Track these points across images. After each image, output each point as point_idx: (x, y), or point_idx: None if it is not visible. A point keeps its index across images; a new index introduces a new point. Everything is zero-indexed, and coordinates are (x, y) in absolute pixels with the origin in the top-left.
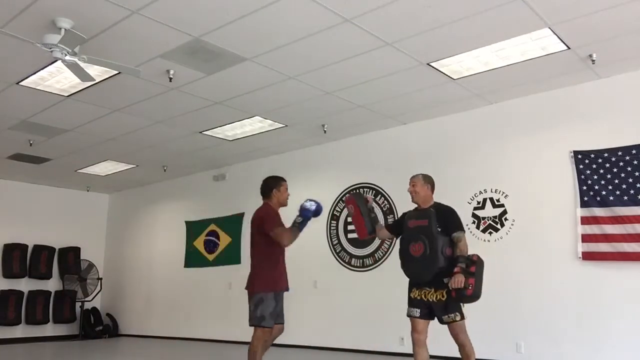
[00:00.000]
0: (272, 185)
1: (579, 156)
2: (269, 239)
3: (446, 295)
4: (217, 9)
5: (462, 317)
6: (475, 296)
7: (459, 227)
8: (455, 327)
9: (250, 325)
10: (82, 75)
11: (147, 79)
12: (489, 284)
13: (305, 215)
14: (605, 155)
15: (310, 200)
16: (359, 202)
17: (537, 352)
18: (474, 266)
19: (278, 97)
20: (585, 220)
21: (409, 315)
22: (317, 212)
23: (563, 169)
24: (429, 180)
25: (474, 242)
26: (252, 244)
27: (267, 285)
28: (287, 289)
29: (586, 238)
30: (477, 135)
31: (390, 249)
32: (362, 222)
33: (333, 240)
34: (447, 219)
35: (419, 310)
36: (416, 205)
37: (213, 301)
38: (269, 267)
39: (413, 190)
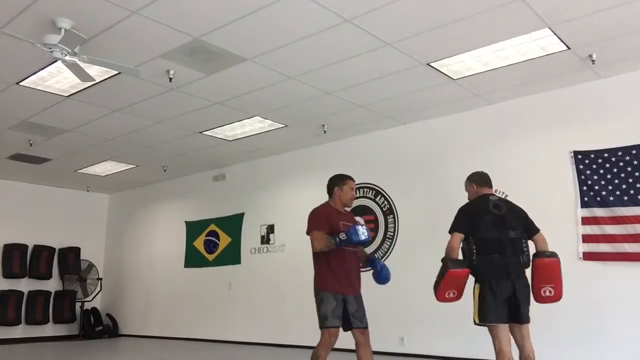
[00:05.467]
0: (334, 184)
1: (579, 156)
2: None
3: None
4: (217, 9)
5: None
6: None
7: (451, 227)
8: None
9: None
10: (82, 75)
11: (147, 79)
12: None
13: (352, 240)
14: (605, 155)
15: (365, 229)
16: None
17: (537, 352)
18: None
19: (278, 97)
20: (585, 221)
21: None
22: (363, 243)
23: (563, 169)
24: (471, 177)
25: None
26: None
27: (327, 285)
28: (350, 294)
29: (587, 238)
30: (477, 135)
31: (391, 249)
32: None
33: None
34: None
35: None
36: None
37: (213, 301)
38: (321, 267)
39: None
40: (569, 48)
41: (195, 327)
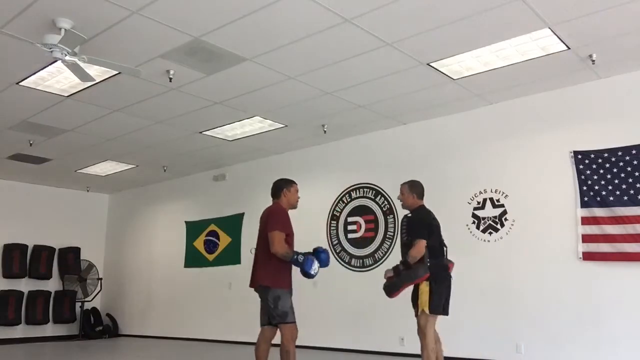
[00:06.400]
0: (282, 186)
1: (579, 156)
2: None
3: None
4: (217, 9)
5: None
6: (385, 290)
7: (414, 234)
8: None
9: (274, 324)
10: (82, 75)
11: (147, 79)
12: (489, 284)
13: (304, 269)
14: (605, 155)
15: (316, 268)
16: None
17: (537, 352)
18: (406, 269)
19: (278, 97)
20: (585, 221)
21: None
22: (311, 277)
23: (563, 169)
24: (414, 188)
25: (473, 242)
26: (263, 241)
27: (283, 282)
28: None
29: (586, 238)
30: (477, 135)
31: (391, 249)
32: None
33: (333, 240)
34: (408, 226)
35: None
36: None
37: (213, 301)
38: (274, 264)
39: (400, 198)
40: (569, 48)
41: (195, 327)
